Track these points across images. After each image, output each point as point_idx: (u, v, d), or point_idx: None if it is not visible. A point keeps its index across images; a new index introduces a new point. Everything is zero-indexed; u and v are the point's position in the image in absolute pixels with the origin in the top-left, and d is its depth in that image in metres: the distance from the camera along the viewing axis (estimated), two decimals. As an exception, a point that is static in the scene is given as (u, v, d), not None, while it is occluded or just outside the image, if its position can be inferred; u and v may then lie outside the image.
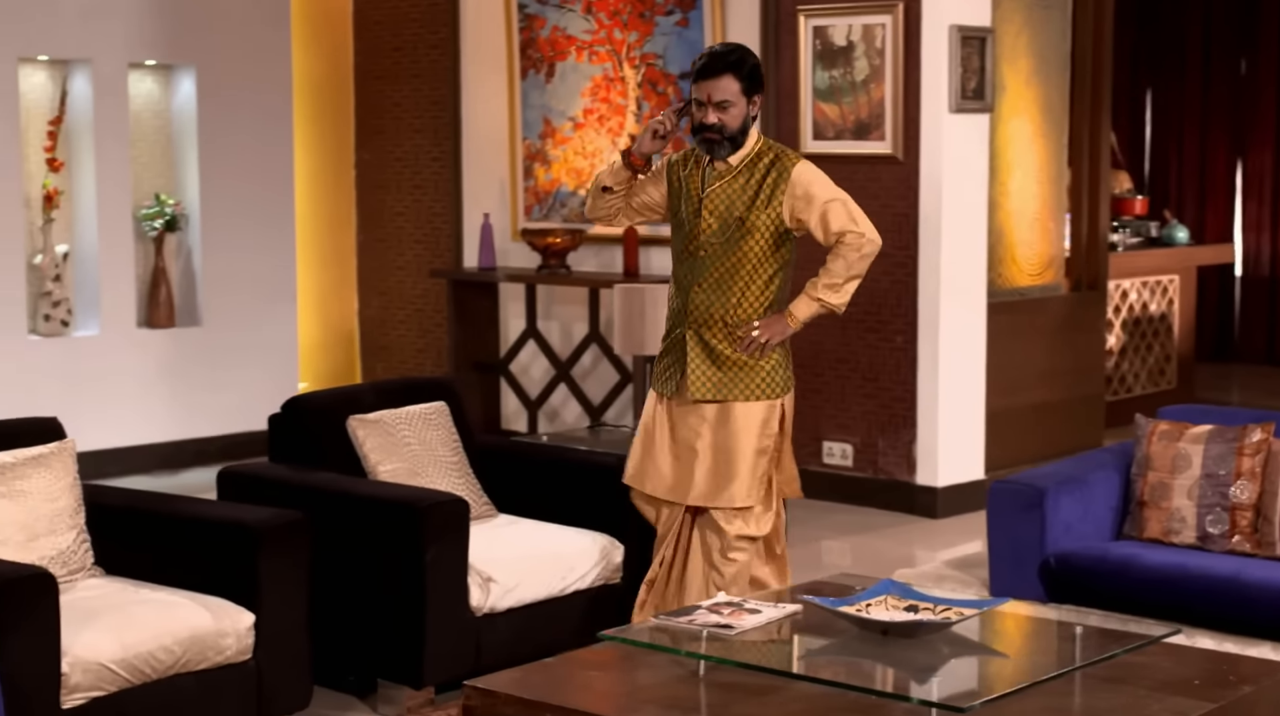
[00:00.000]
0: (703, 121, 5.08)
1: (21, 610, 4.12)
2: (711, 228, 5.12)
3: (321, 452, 5.53)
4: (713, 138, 5.08)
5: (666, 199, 5.25)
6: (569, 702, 3.85)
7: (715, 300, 5.15)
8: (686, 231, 5.19)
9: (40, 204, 8.64)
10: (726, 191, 5.13)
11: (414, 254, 9.98)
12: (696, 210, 5.15)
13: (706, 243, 5.13)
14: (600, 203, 5.32)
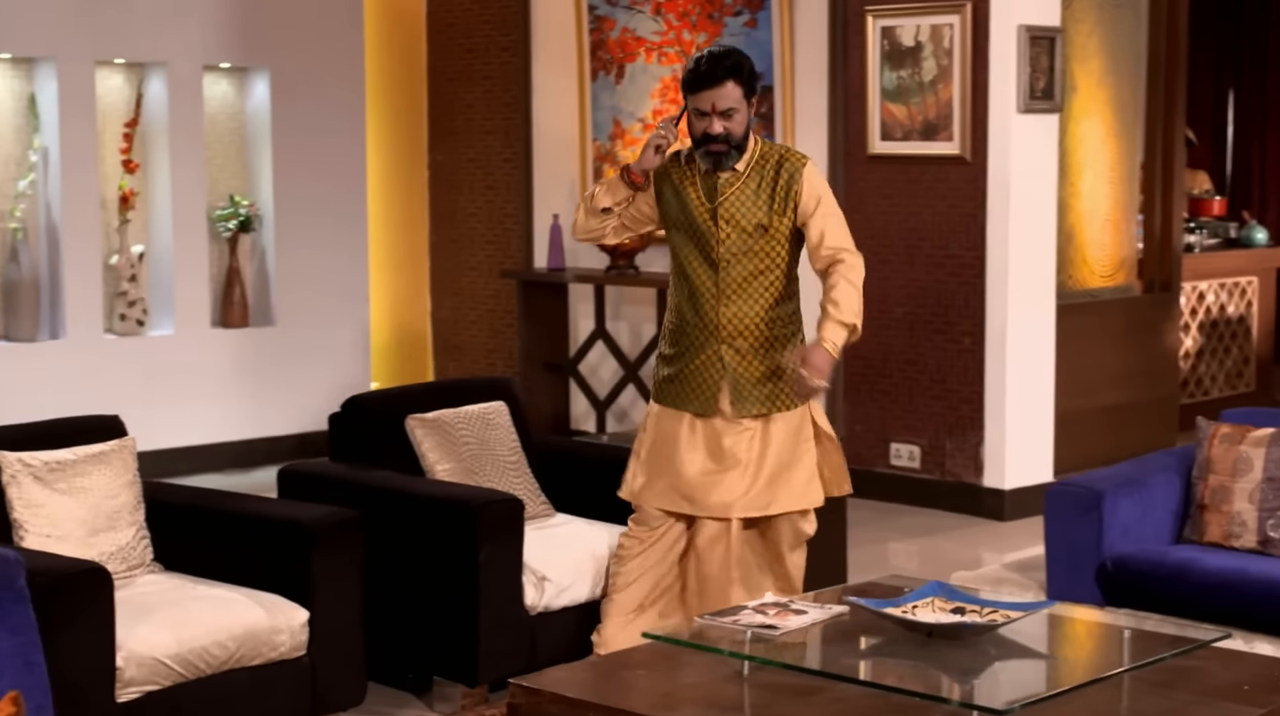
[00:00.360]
0: (707, 132, 4.86)
1: (77, 604, 4.19)
2: (731, 237, 4.96)
3: (381, 452, 5.58)
4: (719, 149, 4.88)
5: (655, 209, 5.07)
6: (612, 701, 3.86)
7: (747, 310, 5.03)
8: (700, 243, 4.99)
9: (116, 205, 8.76)
10: (740, 198, 4.96)
11: (485, 254, 10.03)
12: (711, 220, 4.97)
13: (727, 253, 4.97)
14: (594, 222, 5.08)
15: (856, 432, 8.37)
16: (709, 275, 5.01)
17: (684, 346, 5.07)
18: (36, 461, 4.75)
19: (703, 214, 4.98)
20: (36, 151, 8.47)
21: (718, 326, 5.02)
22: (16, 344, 8.40)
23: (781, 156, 5.01)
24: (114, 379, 8.60)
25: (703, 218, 4.99)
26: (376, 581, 5.18)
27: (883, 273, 8.24)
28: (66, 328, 8.50)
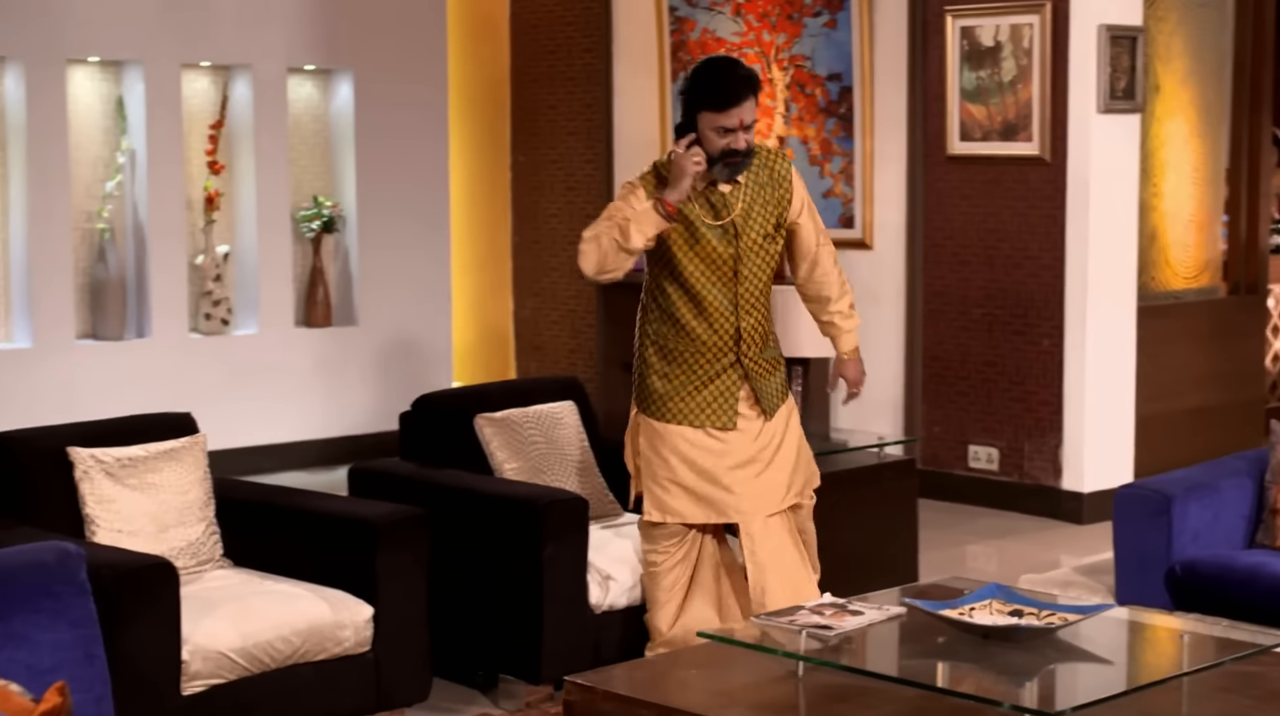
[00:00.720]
0: (732, 147, 4.76)
1: (143, 598, 4.25)
2: (750, 250, 4.90)
3: (451, 450, 5.63)
4: (738, 161, 4.80)
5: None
6: (666, 700, 3.88)
7: (759, 319, 4.99)
8: (714, 261, 4.87)
9: (202, 206, 8.87)
10: (749, 209, 4.88)
11: (567, 255, 10.07)
12: (729, 237, 4.87)
13: (747, 268, 4.91)
14: (620, 260, 4.80)
15: (935, 434, 8.34)
16: (724, 291, 4.91)
17: (693, 364, 4.95)
18: (109, 457, 4.83)
19: (717, 233, 4.86)
20: (124, 153, 8.61)
21: (738, 339, 4.95)
22: (103, 342, 8.53)
23: (766, 155, 4.95)
24: (198, 377, 8.72)
25: (718, 236, 4.87)
26: (444, 579, 5.23)
27: (961, 273, 8.20)
28: (152, 327, 8.62)
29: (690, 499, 4.99)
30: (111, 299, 8.54)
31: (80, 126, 8.55)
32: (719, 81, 4.78)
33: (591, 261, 4.82)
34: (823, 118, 8.69)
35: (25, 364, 8.23)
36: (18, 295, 8.34)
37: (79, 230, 8.55)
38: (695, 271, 4.89)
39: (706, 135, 4.77)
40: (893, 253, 8.46)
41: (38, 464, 4.80)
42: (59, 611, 3.53)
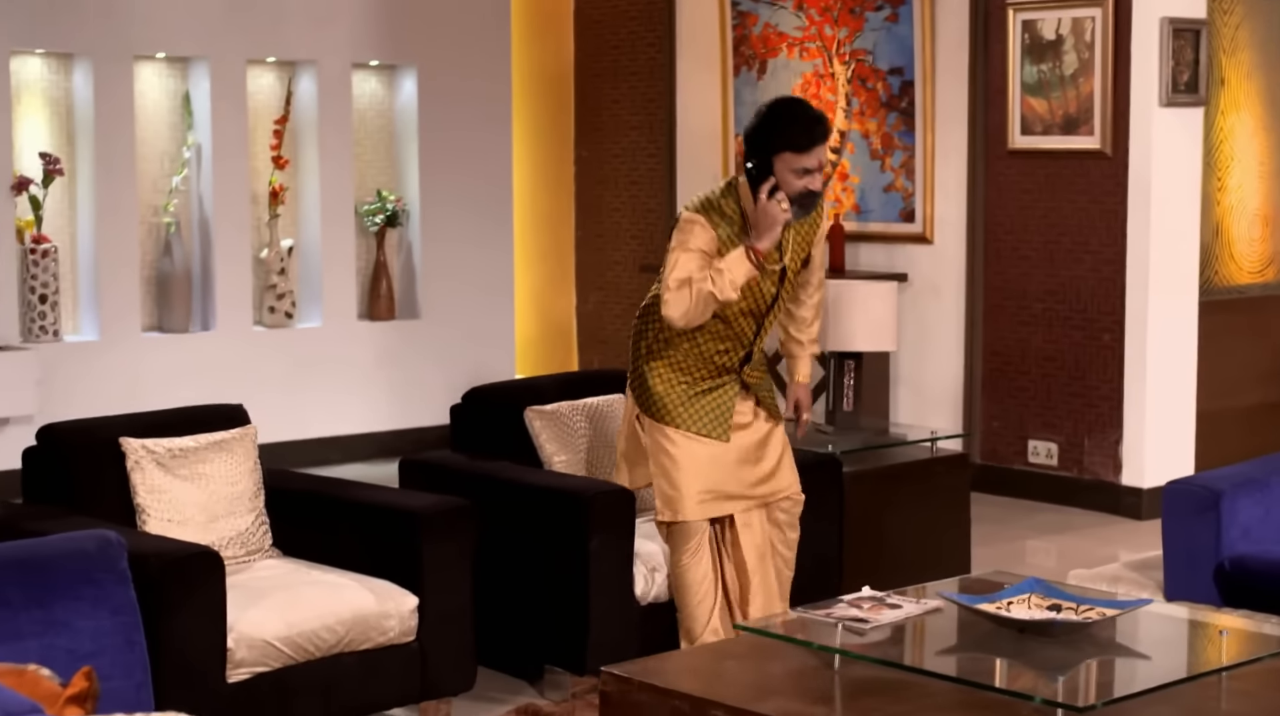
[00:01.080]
0: (809, 188, 4.78)
1: (190, 587, 4.31)
2: (789, 287, 5.03)
3: (501, 443, 5.67)
4: (812, 203, 4.84)
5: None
6: (699, 691, 3.89)
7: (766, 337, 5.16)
8: (754, 298, 4.93)
9: (267, 200, 8.97)
10: (793, 248, 4.97)
11: (630, 249, 10.10)
12: (778, 277, 4.95)
13: (783, 298, 5.04)
14: (708, 310, 4.82)
15: (994, 429, 8.31)
16: (753, 322, 5.01)
17: (697, 376, 5.03)
18: (160, 448, 4.90)
19: (769, 275, 4.92)
20: (190, 148, 8.71)
21: (747, 359, 5.08)
22: (168, 335, 8.64)
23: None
24: (262, 370, 8.81)
25: (767, 277, 4.92)
26: (491, 570, 5.27)
27: (1021, 268, 8.17)
28: (217, 319, 8.72)
29: (701, 497, 5.05)
30: (177, 292, 8.64)
31: (147, 122, 8.65)
32: (800, 123, 4.77)
33: (680, 310, 4.79)
34: (884, 112, 8.67)
35: (92, 356, 8.34)
36: (85, 288, 8.46)
37: (145, 224, 8.66)
38: (736, 307, 4.93)
39: (785, 178, 4.76)
40: (953, 247, 8.44)
41: (90, 454, 4.88)
42: (100, 598, 3.58)
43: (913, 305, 8.58)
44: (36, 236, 8.20)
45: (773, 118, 4.81)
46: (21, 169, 8.18)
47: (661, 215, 9.86)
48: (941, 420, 8.37)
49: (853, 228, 8.75)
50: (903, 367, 8.61)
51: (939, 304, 8.47)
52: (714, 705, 3.84)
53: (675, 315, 4.80)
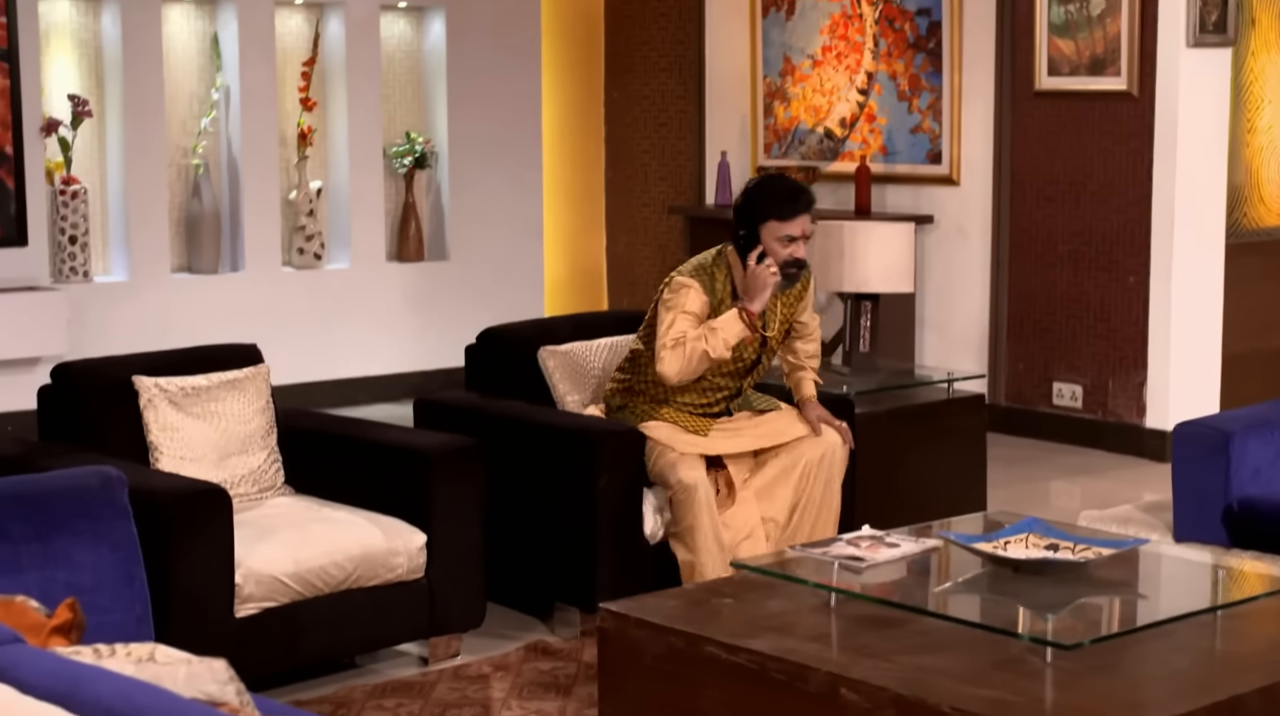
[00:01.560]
0: (795, 257, 5.14)
1: (197, 523, 4.37)
2: (772, 347, 5.34)
3: (515, 382, 5.71)
4: (795, 273, 5.19)
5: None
6: (694, 628, 3.93)
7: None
8: (743, 361, 5.27)
9: (295, 142, 9.00)
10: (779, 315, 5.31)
11: (658, 191, 10.11)
12: (760, 343, 5.27)
13: (764, 361, 5.35)
14: (700, 367, 5.14)
15: (1019, 372, 8.30)
16: (733, 383, 5.33)
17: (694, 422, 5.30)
18: (173, 387, 4.96)
19: (751, 343, 5.26)
20: (218, 90, 8.75)
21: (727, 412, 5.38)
22: (198, 276, 8.70)
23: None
24: (291, 310, 8.87)
25: (749, 345, 5.25)
26: (503, 508, 5.32)
27: (1047, 210, 8.14)
28: (245, 260, 8.77)
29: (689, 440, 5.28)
30: (206, 233, 8.70)
31: (176, 64, 8.69)
32: (783, 193, 5.14)
33: (675, 367, 5.09)
34: (911, 53, 8.64)
35: (122, 296, 8.41)
36: (115, 229, 8.53)
37: (174, 166, 8.71)
38: (718, 368, 5.25)
39: (771, 246, 5.10)
40: (979, 189, 8.41)
41: (104, 393, 4.94)
42: (99, 533, 3.64)
43: (938, 248, 8.56)
44: (66, 178, 8.26)
45: (759, 190, 5.17)
46: (51, 111, 8.24)
47: (690, 158, 9.85)
48: (967, 362, 8.36)
49: (880, 169, 8.73)
50: (928, 310, 8.60)
51: (965, 246, 8.45)
52: (707, 641, 3.89)
53: (670, 372, 5.09)
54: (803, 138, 9.18)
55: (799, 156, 9.16)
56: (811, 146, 9.11)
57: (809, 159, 9.11)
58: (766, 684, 3.75)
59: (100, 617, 3.62)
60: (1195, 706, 3.44)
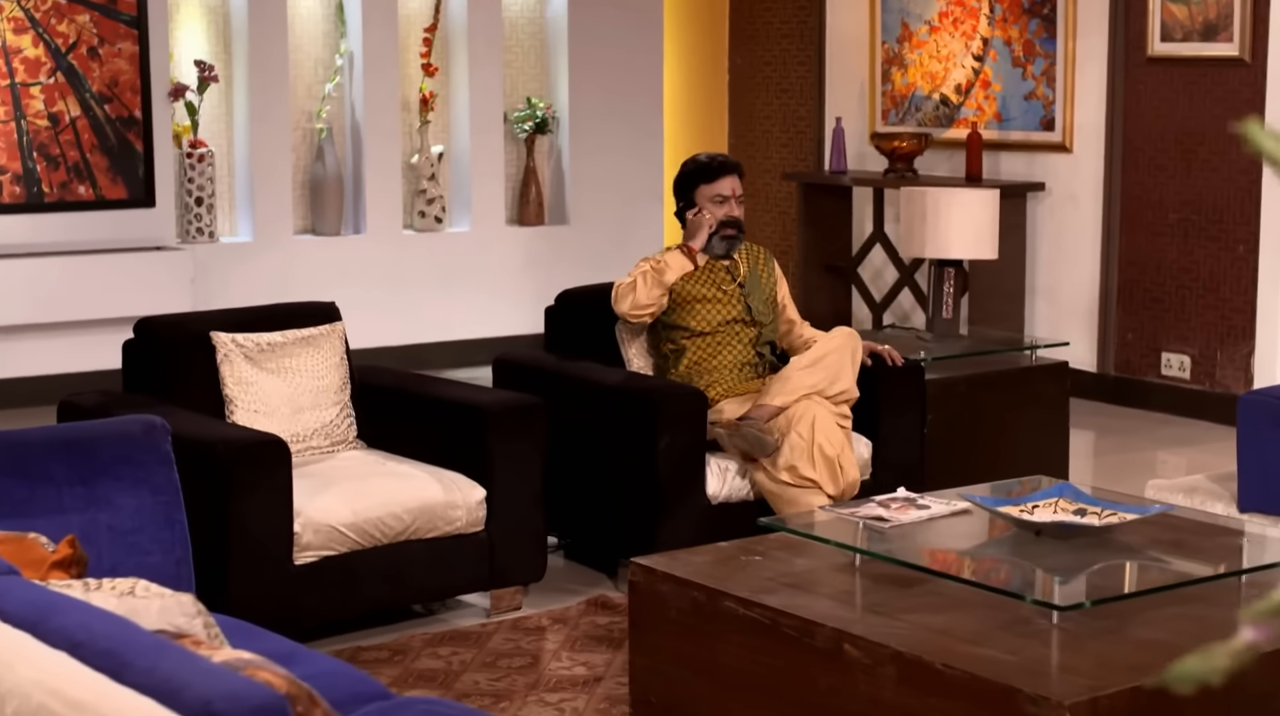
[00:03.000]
0: (730, 216, 5.63)
1: (257, 473, 4.56)
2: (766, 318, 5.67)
3: (590, 343, 5.83)
4: (733, 233, 5.65)
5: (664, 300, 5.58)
6: (715, 583, 4.03)
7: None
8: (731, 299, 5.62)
9: (417, 107, 9.20)
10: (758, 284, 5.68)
11: (780, 158, 10.15)
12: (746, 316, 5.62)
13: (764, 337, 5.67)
14: (656, 293, 5.55)
15: (1128, 342, 8.24)
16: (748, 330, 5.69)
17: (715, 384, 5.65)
18: (249, 342, 5.16)
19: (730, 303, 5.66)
20: (342, 56, 8.97)
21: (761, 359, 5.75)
22: (320, 238, 8.94)
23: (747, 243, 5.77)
24: (411, 272, 9.08)
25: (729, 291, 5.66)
26: (573, 465, 5.45)
27: (1158, 178, 8.06)
28: (367, 223, 9.00)
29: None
30: (329, 196, 8.93)
31: (302, 30, 8.93)
32: (709, 161, 5.74)
33: (628, 299, 5.57)
34: (1026, 19, 8.59)
35: (245, 256, 8.68)
36: (241, 191, 8.79)
37: (299, 130, 8.95)
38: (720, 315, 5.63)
39: (707, 208, 5.66)
40: (1092, 156, 8.34)
41: (183, 347, 5.15)
42: (140, 478, 3.82)
43: (1050, 215, 8.52)
44: (193, 141, 8.54)
45: (687, 164, 5.78)
46: (179, 77, 8.51)
47: (810, 123, 9.89)
48: (1076, 332, 8.32)
49: (993, 136, 8.70)
50: (1039, 278, 8.56)
51: (1077, 213, 8.40)
52: (726, 596, 3.98)
53: (623, 306, 5.57)
54: (919, 104, 9.17)
55: (915, 123, 9.16)
56: (928, 113, 9.10)
57: (925, 125, 9.10)
58: (778, 638, 3.84)
59: (140, 558, 3.81)
60: (1190, 670, 3.46)
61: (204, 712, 2.21)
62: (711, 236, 5.64)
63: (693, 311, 5.62)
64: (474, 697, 4.51)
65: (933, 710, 3.52)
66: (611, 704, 4.44)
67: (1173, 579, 3.85)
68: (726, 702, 4.01)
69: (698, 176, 5.72)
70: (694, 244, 5.65)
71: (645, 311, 5.57)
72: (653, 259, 5.66)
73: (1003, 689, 3.38)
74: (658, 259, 5.64)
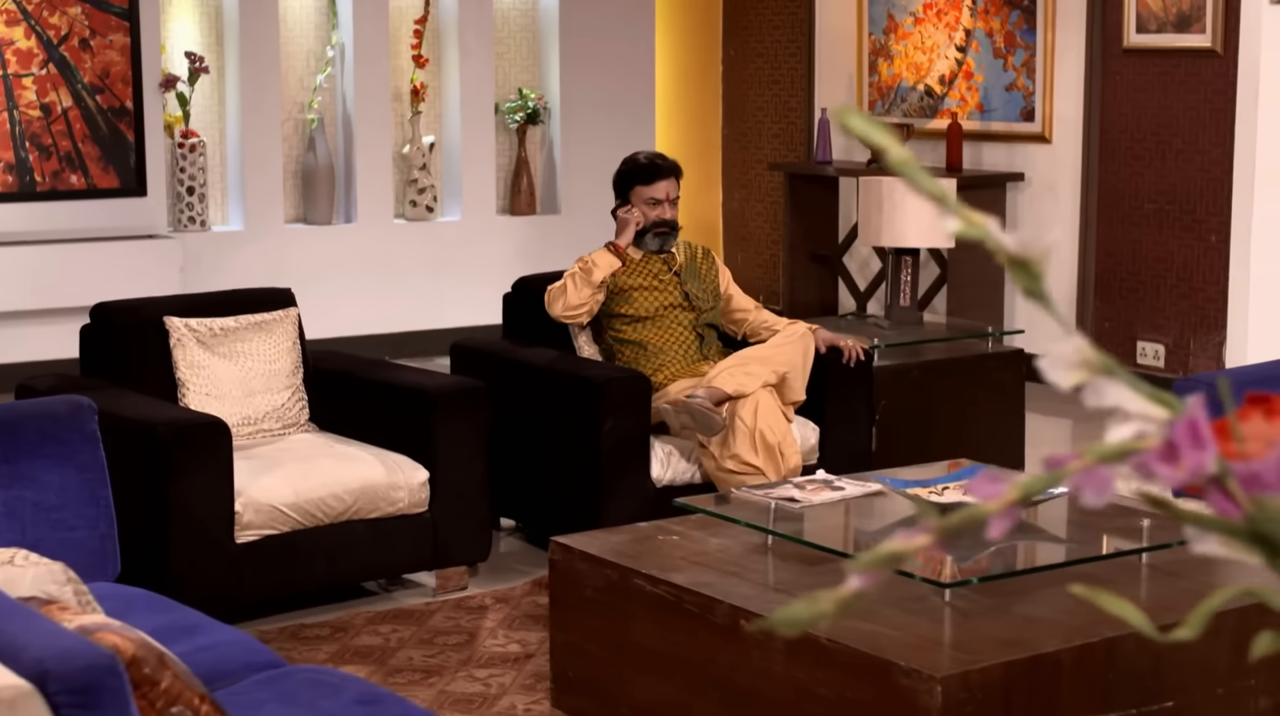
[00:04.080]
0: (662, 218, 5.82)
1: (197, 454, 4.69)
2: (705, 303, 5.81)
3: (547, 330, 5.94)
4: (666, 231, 5.83)
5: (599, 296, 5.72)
6: (625, 561, 4.14)
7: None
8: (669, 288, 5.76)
9: (409, 97, 9.33)
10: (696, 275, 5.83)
11: (772, 148, 10.24)
12: (684, 302, 5.77)
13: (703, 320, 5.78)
14: (585, 293, 5.70)
15: (1105, 330, 8.31)
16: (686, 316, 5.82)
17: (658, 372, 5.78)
18: (202, 327, 5.29)
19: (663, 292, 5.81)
20: (334, 47, 9.10)
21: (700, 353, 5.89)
22: (312, 227, 9.08)
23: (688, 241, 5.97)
24: (402, 261, 9.20)
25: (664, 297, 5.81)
26: (521, 449, 5.57)
27: (1134, 168, 8.13)
28: (358, 212, 9.13)
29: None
30: (321, 186, 9.07)
31: (294, 22, 9.06)
32: (646, 163, 5.90)
33: (558, 301, 5.74)
34: (1007, 10, 8.65)
35: (236, 244, 8.83)
36: (233, 181, 8.94)
37: (290, 120, 9.09)
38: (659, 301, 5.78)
39: (641, 209, 5.83)
40: (1070, 146, 8.41)
41: (138, 332, 5.29)
42: (66, 456, 3.95)
43: (1030, 206, 8.59)
44: (185, 131, 8.68)
45: (627, 164, 5.94)
46: (171, 68, 8.66)
47: (801, 114, 9.97)
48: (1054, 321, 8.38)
49: (975, 127, 8.77)
50: (1019, 267, 8.62)
51: (1055, 204, 8.47)
52: (636, 574, 4.10)
53: (554, 309, 5.73)
54: (904, 95, 9.24)
55: (901, 114, 9.23)
56: (912, 104, 9.18)
57: (910, 116, 9.18)
58: (681, 615, 3.96)
59: (65, 534, 3.94)
60: (1068, 645, 3.56)
61: (38, 670, 2.34)
62: (645, 233, 5.83)
63: (630, 299, 5.76)
64: (405, 672, 4.64)
65: (818, 683, 3.63)
66: (537, 679, 4.55)
67: (1066, 557, 3.95)
68: (636, 677, 4.12)
69: (634, 177, 5.90)
70: (620, 241, 5.83)
71: (578, 312, 5.72)
72: (582, 259, 5.82)
73: (881, 662, 3.49)
74: (586, 259, 5.80)
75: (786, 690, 3.70)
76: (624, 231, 5.87)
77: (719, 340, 5.87)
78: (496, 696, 4.48)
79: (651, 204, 5.86)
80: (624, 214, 5.89)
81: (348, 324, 9.01)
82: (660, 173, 5.88)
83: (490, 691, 4.51)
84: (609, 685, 4.20)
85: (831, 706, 3.61)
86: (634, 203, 5.88)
